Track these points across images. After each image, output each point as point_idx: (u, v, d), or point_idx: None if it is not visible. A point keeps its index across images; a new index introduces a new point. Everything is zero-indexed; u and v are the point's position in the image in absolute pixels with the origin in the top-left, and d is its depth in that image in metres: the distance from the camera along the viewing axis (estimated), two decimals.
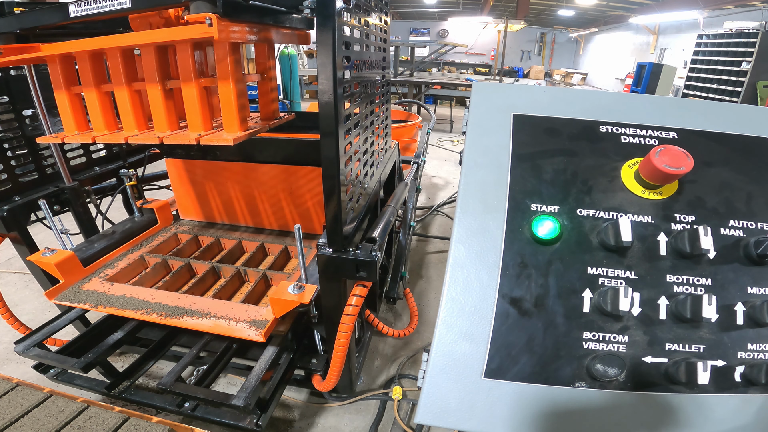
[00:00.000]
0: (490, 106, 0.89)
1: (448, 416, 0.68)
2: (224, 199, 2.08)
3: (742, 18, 9.42)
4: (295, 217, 2.03)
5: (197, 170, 2.03)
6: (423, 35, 20.30)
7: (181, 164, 2.02)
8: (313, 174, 1.88)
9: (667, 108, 0.87)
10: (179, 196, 2.15)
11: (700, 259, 0.72)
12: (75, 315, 1.70)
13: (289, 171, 1.90)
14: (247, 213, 2.10)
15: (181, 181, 2.08)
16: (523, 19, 12.03)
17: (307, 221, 2.02)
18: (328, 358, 1.62)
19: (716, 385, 0.67)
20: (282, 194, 1.98)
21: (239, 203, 2.07)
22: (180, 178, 2.07)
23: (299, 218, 2.02)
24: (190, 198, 2.13)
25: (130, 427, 1.27)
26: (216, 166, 1.99)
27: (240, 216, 2.12)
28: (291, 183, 1.93)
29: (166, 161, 2.04)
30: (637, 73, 10.19)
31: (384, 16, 1.75)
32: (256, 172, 1.95)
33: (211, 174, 2.02)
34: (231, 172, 1.98)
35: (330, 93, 1.02)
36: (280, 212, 2.05)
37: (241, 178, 1.99)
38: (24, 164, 1.76)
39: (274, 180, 1.95)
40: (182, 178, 2.06)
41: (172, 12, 1.40)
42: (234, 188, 2.03)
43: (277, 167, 1.91)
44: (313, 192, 1.93)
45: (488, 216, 0.77)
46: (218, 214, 2.15)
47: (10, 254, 3.02)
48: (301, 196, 1.96)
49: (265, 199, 2.02)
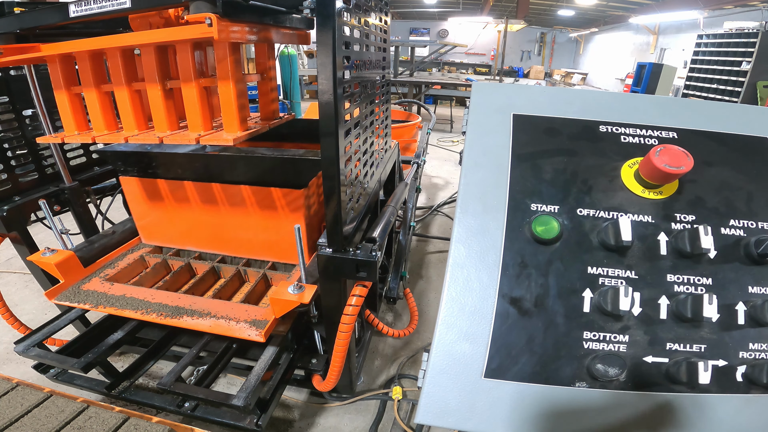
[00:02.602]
0: (490, 106, 0.89)
1: (449, 416, 0.68)
2: (189, 224, 1.78)
3: (742, 18, 9.41)
4: (269, 246, 1.75)
5: (158, 190, 1.72)
6: (423, 35, 20.31)
7: (138, 183, 1.72)
8: (291, 196, 1.56)
9: (667, 108, 0.87)
10: (138, 218, 1.86)
11: (700, 258, 0.72)
12: (75, 315, 1.70)
13: (263, 193, 1.59)
14: (216, 241, 1.82)
15: (139, 202, 1.79)
16: (523, 19, 12.04)
17: (283, 250, 1.74)
18: (328, 358, 1.62)
19: (717, 385, 0.67)
20: (255, 220, 1.68)
21: (206, 229, 1.78)
22: (138, 199, 1.78)
23: (273, 247, 1.74)
24: (151, 221, 1.84)
25: (130, 427, 1.27)
26: (178, 186, 1.68)
27: (208, 244, 1.84)
28: (265, 207, 1.63)
29: (121, 179, 1.73)
30: (637, 73, 10.19)
31: (384, 16, 1.75)
32: (225, 193, 1.64)
33: (174, 195, 1.71)
34: (195, 192, 1.68)
35: (330, 93, 1.02)
36: (253, 240, 1.76)
37: (208, 200, 1.68)
38: (24, 164, 1.76)
39: (245, 203, 1.64)
40: (141, 199, 1.78)
41: (172, 12, 1.40)
42: (200, 212, 1.72)
43: (249, 189, 1.60)
44: (291, 218, 1.61)
45: (488, 216, 0.77)
46: (184, 240, 1.87)
47: (10, 254, 3.02)
48: (278, 223, 1.64)
49: (236, 226, 1.72)
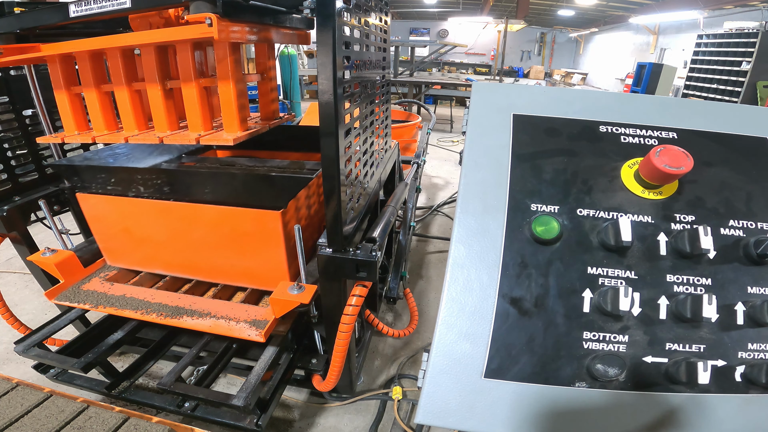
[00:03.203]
0: (490, 106, 0.89)
1: (449, 416, 0.68)
2: (156, 246, 1.60)
3: (742, 18, 9.42)
4: (245, 273, 1.56)
5: (120, 209, 1.53)
6: (423, 35, 20.30)
7: (98, 201, 1.52)
8: (266, 218, 1.35)
9: (667, 108, 0.87)
10: (100, 239, 1.67)
11: (700, 258, 0.72)
12: (75, 315, 1.70)
13: (235, 215, 1.40)
14: (186, 265, 1.63)
15: (100, 222, 1.61)
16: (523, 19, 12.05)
17: (260, 277, 1.55)
18: (328, 358, 1.62)
19: (717, 385, 0.67)
20: (228, 244, 1.48)
21: (175, 252, 1.59)
22: (98, 219, 1.60)
23: (249, 274, 1.56)
24: (114, 243, 1.65)
25: (130, 427, 1.27)
26: (140, 204, 1.48)
27: (178, 268, 1.65)
28: (238, 230, 1.43)
29: (78, 197, 1.54)
30: (637, 73, 10.19)
31: (384, 16, 1.75)
32: (193, 214, 1.45)
33: (137, 214, 1.52)
34: (160, 212, 1.48)
35: (330, 93, 1.02)
36: (227, 266, 1.56)
37: (174, 220, 1.49)
38: (24, 164, 1.76)
39: (216, 225, 1.45)
40: (101, 219, 1.60)
41: (172, 12, 1.40)
42: (167, 234, 1.54)
43: (219, 209, 1.41)
44: (267, 243, 1.42)
45: (488, 216, 0.77)
46: (151, 264, 1.68)
47: (10, 254, 3.02)
48: (253, 248, 1.46)
49: (207, 250, 1.53)
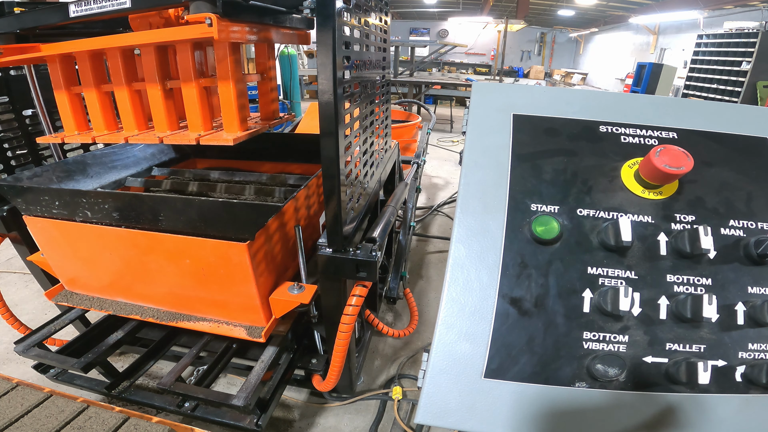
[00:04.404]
0: (490, 106, 0.89)
1: (449, 416, 0.68)
2: (113, 275, 1.46)
3: (742, 18, 9.42)
4: (214, 306, 1.40)
5: (70, 234, 1.38)
6: (423, 35, 20.30)
7: (47, 225, 1.38)
8: (231, 250, 1.21)
9: (667, 108, 0.87)
10: (53, 265, 1.53)
11: (700, 258, 0.72)
12: (75, 315, 1.70)
13: (197, 245, 1.25)
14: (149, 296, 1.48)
15: (51, 247, 1.47)
16: (523, 19, 12.05)
17: (231, 311, 1.40)
18: (328, 358, 1.62)
19: (717, 385, 0.67)
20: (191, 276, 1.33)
21: (136, 282, 1.45)
22: (49, 243, 1.46)
23: (219, 307, 1.40)
24: (69, 269, 1.52)
25: (130, 427, 1.27)
26: (92, 230, 1.33)
27: (141, 298, 1.50)
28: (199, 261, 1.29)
29: (26, 219, 1.40)
30: (637, 73, 10.19)
31: (384, 16, 1.75)
32: (152, 242, 1.30)
33: (89, 240, 1.37)
34: (114, 239, 1.34)
35: (330, 93, 1.02)
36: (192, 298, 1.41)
37: (132, 249, 1.34)
38: (24, 164, 1.76)
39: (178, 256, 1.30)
40: (52, 244, 1.46)
41: (172, 12, 1.40)
42: (125, 262, 1.39)
43: (178, 239, 1.26)
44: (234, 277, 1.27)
45: (488, 216, 0.77)
46: (111, 292, 1.52)
47: (10, 254, 3.02)
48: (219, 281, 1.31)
49: (170, 281, 1.38)
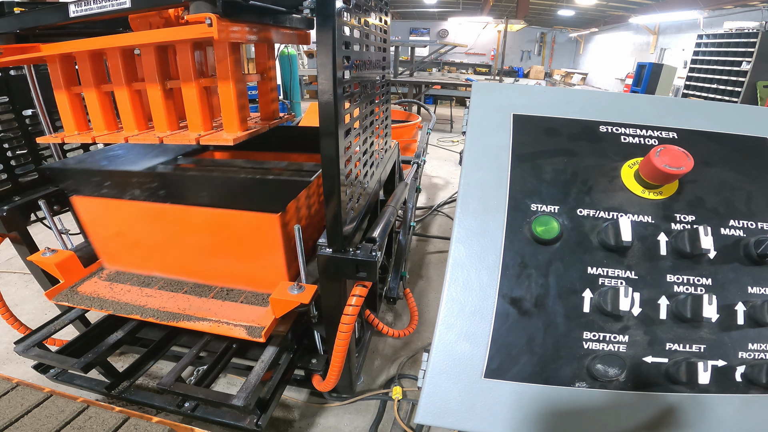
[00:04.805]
0: (490, 106, 0.89)
1: (449, 416, 0.68)
2: (153, 250, 1.61)
3: (742, 18, 9.42)
4: (244, 276, 1.56)
5: (115, 212, 1.53)
6: (423, 35, 20.30)
7: (93, 204, 1.52)
8: (264, 221, 1.37)
9: (667, 108, 0.87)
10: (96, 243, 1.67)
11: (700, 258, 0.72)
12: (75, 315, 1.70)
13: (232, 218, 1.41)
14: (184, 268, 1.62)
15: (96, 226, 1.62)
16: (523, 19, 12.05)
17: (260, 280, 1.55)
18: (328, 358, 1.62)
19: (717, 385, 0.67)
20: (225, 247, 1.50)
21: (172, 256, 1.60)
22: (94, 222, 1.61)
23: (248, 277, 1.56)
24: (111, 246, 1.67)
25: (130, 427, 1.27)
26: (136, 207, 1.49)
27: (176, 271, 1.65)
28: (235, 233, 1.45)
29: (73, 200, 1.54)
30: (637, 73, 10.19)
31: (384, 16, 1.75)
32: (190, 217, 1.46)
33: (133, 218, 1.53)
34: (156, 215, 1.50)
35: (330, 93, 1.02)
36: (225, 269, 1.57)
37: (171, 224, 1.50)
38: (24, 164, 1.76)
39: (213, 229, 1.46)
40: (97, 222, 1.61)
41: (172, 12, 1.40)
42: (164, 237, 1.55)
43: (216, 212, 1.42)
44: (265, 247, 1.44)
45: (488, 216, 0.77)
46: (149, 267, 1.67)
47: (10, 254, 3.02)
48: (251, 251, 1.48)
49: (205, 253, 1.54)
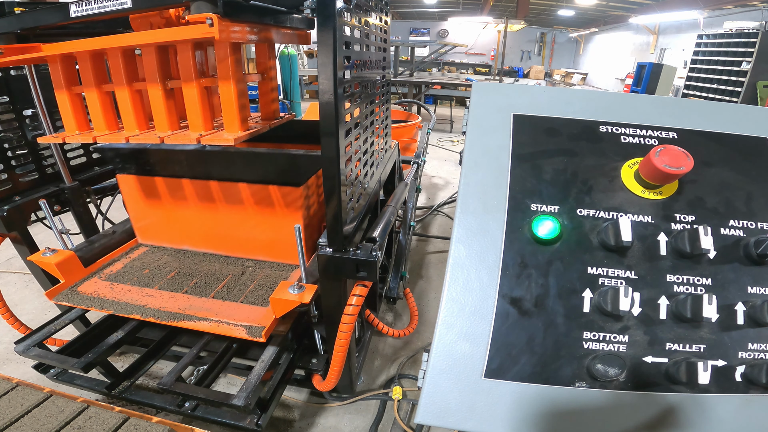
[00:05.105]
0: (490, 106, 0.89)
1: (449, 416, 0.68)
2: (186, 223, 1.78)
3: (742, 18, 9.42)
4: (268, 246, 1.75)
5: (156, 188, 1.73)
6: (423, 35, 20.30)
7: (136, 181, 1.73)
8: (289, 195, 1.58)
9: (667, 108, 0.87)
10: (135, 218, 1.86)
11: (700, 258, 0.72)
12: (75, 315, 1.70)
13: (261, 191, 1.61)
14: (214, 240, 1.80)
15: (137, 201, 1.79)
16: (523, 19, 12.06)
17: (282, 250, 1.74)
18: (328, 358, 1.62)
19: (717, 385, 0.67)
20: (253, 219, 1.68)
21: (204, 229, 1.77)
22: (135, 198, 1.78)
23: (272, 247, 1.74)
24: (149, 220, 1.85)
25: (130, 427, 1.27)
26: (175, 184, 1.68)
27: (206, 243, 1.82)
28: (263, 205, 1.64)
29: (118, 177, 1.75)
30: (637, 73, 10.19)
31: (384, 16, 1.75)
32: (223, 191, 1.66)
33: (171, 193, 1.72)
34: (193, 190, 1.69)
35: (330, 93, 1.02)
36: (252, 240, 1.75)
37: (205, 198, 1.69)
38: (24, 164, 1.76)
39: (243, 202, 1.66)
40: (138, 198, 1.78)
41: (173, 12, 1.40)
42: (198, 210, 1.73)
43: (247, 186, 1.62)
44: (289, 217, 1.62)
45: (488, 216, 0.77)
46: (182, 240, 1.85)
47: (10, 254, 3.02)
48: (276, 222, 1.65)
49: (234, 225, 1.73)
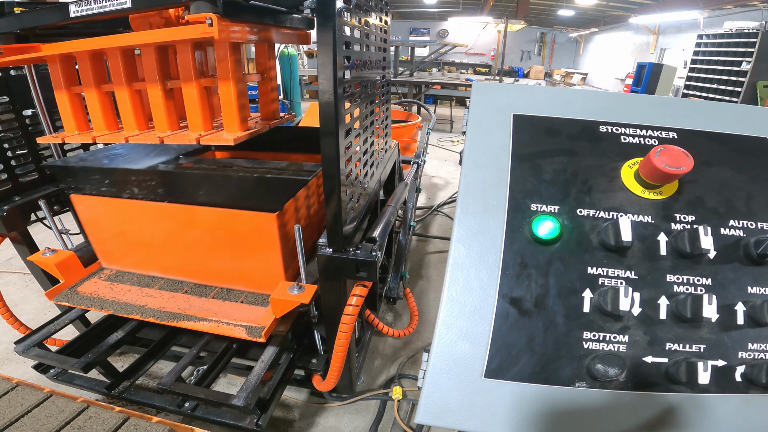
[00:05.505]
0: (490, 106, 0.89)
1: (449, 416, 0.68)
2: (151, 249, 1.60)
3: (742, 18, 9.41)
4: (241, 276, 1.55)
5: (114, 211, 1.52)
6: (423, 35, 20.29)
7: (92, 202, 1.51)
8: (262, 220, 1.35)
9: (667, 108, 0.87)
10: (94, 242, 1.66)
11: (700, 258, 0.72)
12: (75, 315, 1.70)
13: (230, 217, 1.40)
14: (182, 268, 1.61)
15: (94, 224, 1.61)
16: (523, 19, 12.03)
17: (258, 280, 1.54)
18: (328, 358, 1.62)
19: (717, 385, 0.67)
20: (223, 246, 1.48)
21: (170, 255, 1.59)
22: (92, 220, 1.60)
23: (246, 277, 1.54)
24: (109, 245, 1.65)
25: (130, 427, 1.27)
26: (135, 206, 1.47)
27: (174, 271, 1.64)
28: (233, 232, 1.44)
29: (72, 198, 1.53)
30: (637, 73, 10.19)
31: (384, 16, 1.75)
32: (188, 216, 1.45)
33: (132, 216, 1.52)
34: (155, 214, 1.49)
35: (330, 93, 1.02)
36: (223, 269, 1.55)
37: (169, 222, 1.49)
38: (24, 164, 1.76)
39: (212, 228, 1.45)
40: (96, 221, 1.59)
41: (173, 12, 1.40)
42: (162, 236, 1.55)
43: (214, 211, 1.41)
44: (263, 246, 1.42)
45: (488, 216, 0.77)
46: (147, 266, 1.66)
47: (10, 254, 3.02)
48: (249, 251, 1.46)
49: (203, 253, 1.53)
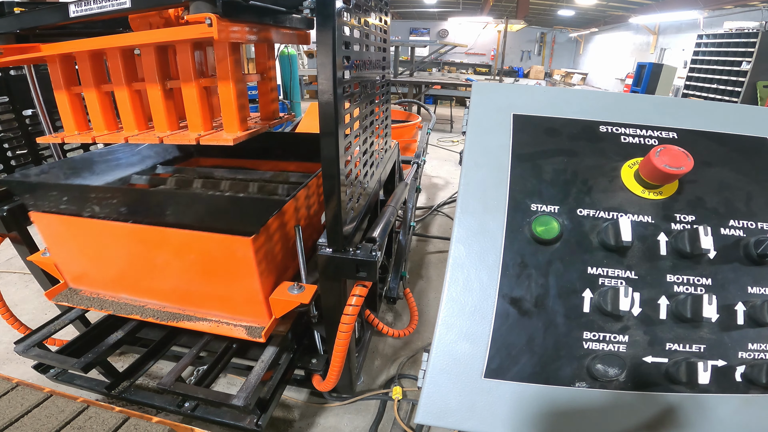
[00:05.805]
0: (490, 106, 0.89)
1: (449, 416, 0.68)
2: (118, 271, 1.46)
3: (742, 18, 9.42)
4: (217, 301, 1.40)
5: (77, 230, 1.39)
6: (423, 35, 20.30)
7: (53, 221, 1.38)
8: (235, 244, 1.21)
9: (667, 108, 0.87)
10: (58, 261, 1.53)
11: (700, 258, 0.72)
12: (75, 315, 1.70)
13: (202, 240, 1.26)
14: (153, 292, 1.47)
15: (57, 243, 1.48)
16: (523, 19, 12.04)
17: (235, 306, 1.39)
18: (328, 358, 1.62)
19: (717, 385, 0.67)
20: (196, 271, 1.34)
21: (140, 278, 1.45)
22: (54, 239, 1.47)
23: (223, 303, 1.40)
24: (73, 266, 1.53)
25: (130, 427, 1.27)
26: (98, 226, 1.34)
27: (144, 294, 1.49)
28: (206, 256, 1.30)
29: (32, 216, 1.40)
30: (637, 73, 10.19)
31: (384, 16, 1.75)
32: (157, 238, 1.31)
33: (96, 236, 1.38)
34: (120, 234, 1.35)
35: (330, 93, 1.02)
36: (196, 294, 1.41)
37: (137, 244, 1.35)
38: (24, 164, 1.76)
39: (182, 251, 1.32)
40: (58, 239, 1.46)
41: (172, 12, 1.40)
42: (130, 258, 1.40)
43: (184, 234, 1.27)
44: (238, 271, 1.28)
45: (488, 216, 0.77)
46: (116, 289, 1.52)
47: (10, 254, 3.01)
48: (223, 276, 1.32)
49: (174, 277, 1.39)
